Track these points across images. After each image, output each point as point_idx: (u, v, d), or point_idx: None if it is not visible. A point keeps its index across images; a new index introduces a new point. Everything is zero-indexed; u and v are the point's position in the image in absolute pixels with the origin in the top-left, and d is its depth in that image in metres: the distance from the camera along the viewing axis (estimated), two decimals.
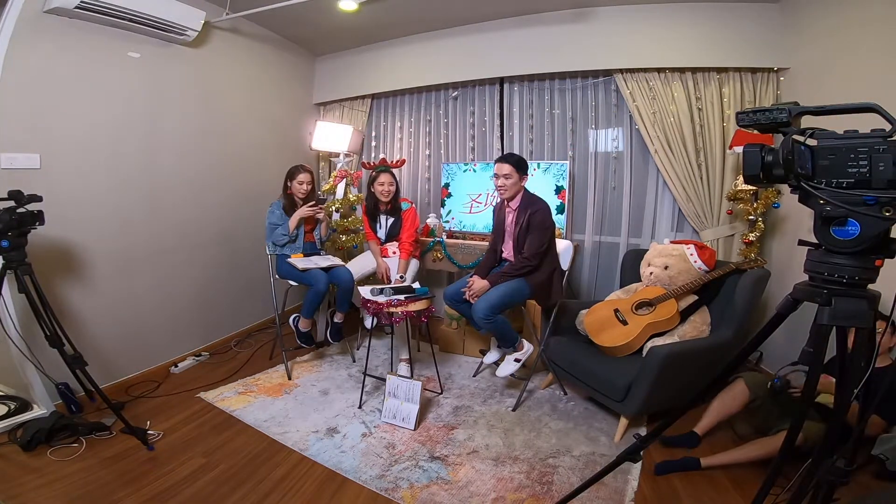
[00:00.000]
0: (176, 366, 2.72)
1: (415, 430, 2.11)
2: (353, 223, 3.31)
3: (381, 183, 2.76)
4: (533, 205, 2.26)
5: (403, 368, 2.60)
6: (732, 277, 2.24)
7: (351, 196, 3.38)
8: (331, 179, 3.44)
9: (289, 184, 2.76)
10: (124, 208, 2.46)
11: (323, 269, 2.60)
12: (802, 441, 1.42)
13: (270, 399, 2.38)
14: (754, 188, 2.43)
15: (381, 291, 2.31)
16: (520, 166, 2.26)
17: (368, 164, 2.96)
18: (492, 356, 2.43)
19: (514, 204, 2.32)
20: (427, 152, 3.70)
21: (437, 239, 3.13)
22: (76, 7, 2.05)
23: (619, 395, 2.02)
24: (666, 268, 2.32)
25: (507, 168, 2.24)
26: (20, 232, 1.75)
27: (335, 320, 2.72)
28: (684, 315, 2.25)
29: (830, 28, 2.23)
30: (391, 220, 2.88)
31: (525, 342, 2.35)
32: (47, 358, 1.92)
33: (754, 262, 2.22)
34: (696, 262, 2.28)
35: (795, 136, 0.84)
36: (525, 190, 2.33)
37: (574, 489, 1.48)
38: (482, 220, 3.19)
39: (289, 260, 2.64)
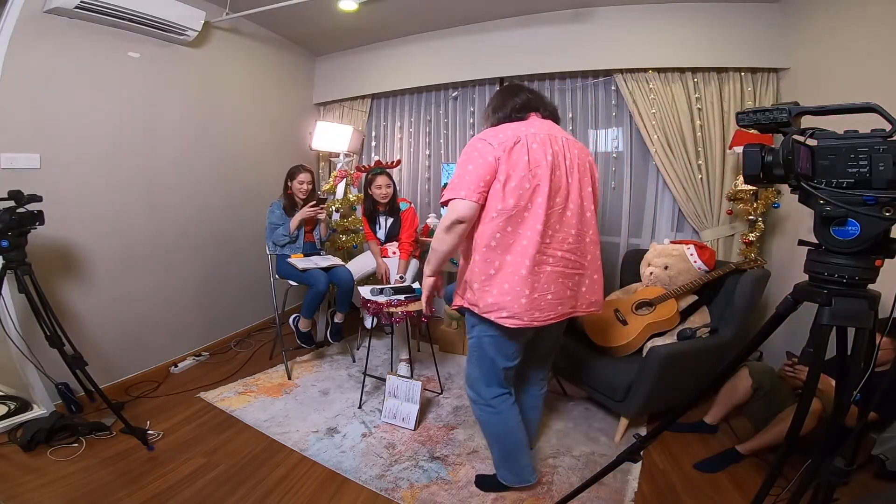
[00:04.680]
0: (176, 366, 2.72)
1: (415, 430, 2.11)
2: (352, 223, 3.31)
3: (379, 186, 2.76)
4: None
5: (403, 368, 2.60)
6: (732, 277, 2.24)
7: (351, 196, 3.38)
8: (331, 179, 3.45)
9: (289, 184, 2.76)
10: (124, 208, 2.46)
11: (323, 269, 2.60)
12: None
13: (270, 399, 2.38)
14: (754, 188, 2.43)
15: (381, 291, 2.31)
16: None
17: (364, 167, 2.96)
18: None
19: None
20: (427, 152, 3.70)
21: None
22: (76, 7, 2.05)
23: (619, 395, 2.02)
24: (666, 268, 2.32)
25: None
26: (20, 232, 1.75)
27: (335, 320, 2.72)
28: (684, 315, 2.25)
29: (830, 28, 2.23)
30: (390, 220, 2.88)
31: None
32: (47, 358, 1.92)
33: (754, 262, 2.22)
34: (696, 262, 2.28)
35: (795, 136, 0.84)
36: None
37: (574, 489, 1.49)
38: None
39: (289, 260, 2.64)
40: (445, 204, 1.45)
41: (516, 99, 1.57)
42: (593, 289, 1.62)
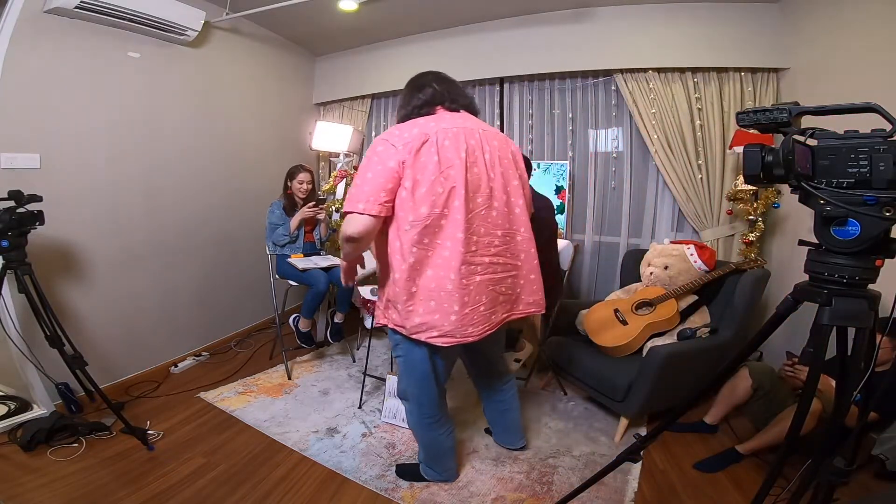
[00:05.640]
0: (176, 366, 2.72)
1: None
2: None
3: None
4: (536, 201, 2.26)
5: None
6: (732, 277, 2.24)
7: None
8: (331, 179, 3.45)
9: (289, 183, 2.76)
10: (124, 208, 2.46)
11: (323, 269, 2.60)
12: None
13: (270, 399, 2.37)
14: (754, 188, 2.43)
15: None
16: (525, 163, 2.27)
17: None
18: None
19: None
20: None
21: None
22: (76, 7, 2.05)
23: (619, 395, 2.02)
24: (666, 268, 2.32)
25: None
26: (20, 232, 1.75)
27: (335, 320, 2.72)
28: (684, 315, 2.25)
29: (830, 28, 2.23)
30: None
31: (525, 342, 2.35)
32: (47, 358, 1.92)
33: (754, 262, 2.22)
34: (696, 262, 2.28)
35: (796, 136, 0.84)
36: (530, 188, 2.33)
37: (574, 489, 1.49)
38: None
39: (289, 260, 2.64)
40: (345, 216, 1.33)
41: (420, 95, 1.44)
42: (531, 289, 1.54)
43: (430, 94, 1.44)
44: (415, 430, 1.69)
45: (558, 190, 2.97)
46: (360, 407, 2.31)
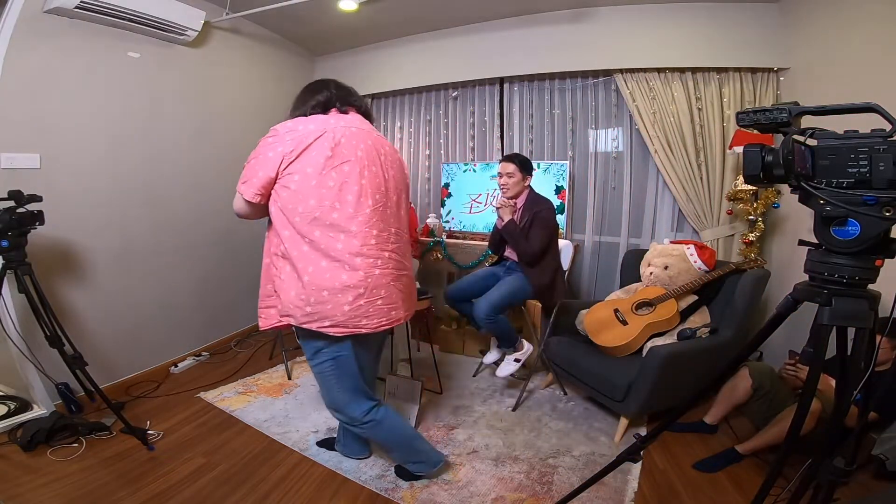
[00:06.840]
0: (176, 366, 2.72)
1: (415, 429, 2.11)
2: None
3: None
4: (537, 204, 2.27)
5: (403, 368, 2.60)
6: (732, 277, 2.24)
7: None
8: None
9: None
10: (124, 208, 2.46)
11: None
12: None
13: (270, 399, 2.38)
14: (754, 188, 2.43)
15: None
16: (524, 166, 2.28)
17: None
18: (492, 356, 2.43)
19: (520, 203, 2.33)
20: (427, 152, 3.70)
21: (437, 239, 3.13)
22: (76, 7, 2.05)
23: (619, 395, 2.02)
24: (666, 268, 2.32)
25: (511, 167, 2.26)
26: (20, 232, 1.75)
27: None
28: (684, 315, 2.25)
29: (830, 28, 2.23)
30: None
31: (525, 342, 2.35)
32: (47, 358, 1.92)
33: (754, 262, 2.22)
34: (696, 262, 2.28)
35: (796, 136, 0.84)
36: (531, 189, 2.33)
37: (574, 489, 1.48)
38: (482, 221, 3.19)
39: None
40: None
41: (318, 96, 1.48)
42: (412, 289, 1.62)
43: (327, 96, 1.49)
44: (370, 435, 1.65)
45: (558, 190, 2.97)
46: None
